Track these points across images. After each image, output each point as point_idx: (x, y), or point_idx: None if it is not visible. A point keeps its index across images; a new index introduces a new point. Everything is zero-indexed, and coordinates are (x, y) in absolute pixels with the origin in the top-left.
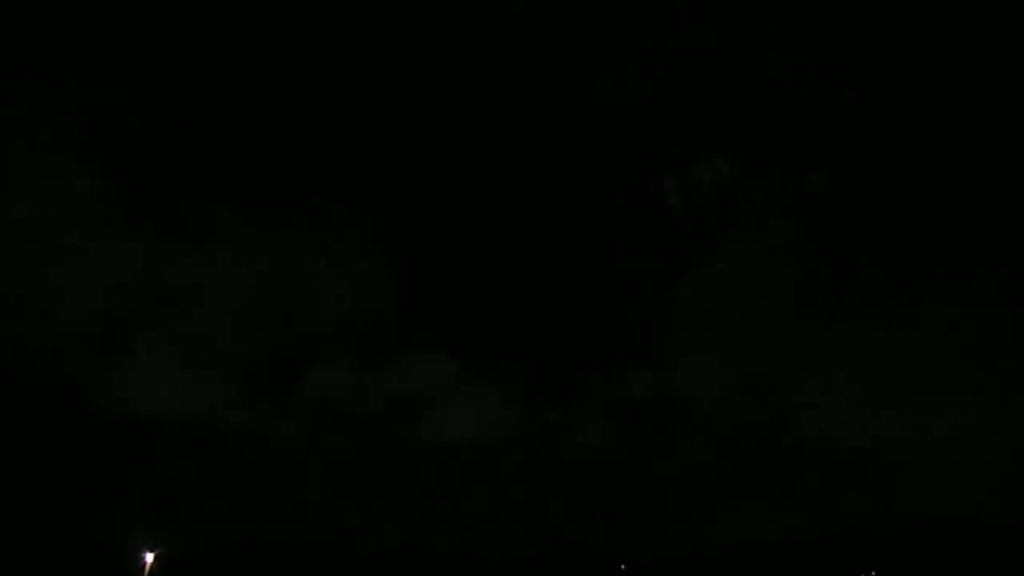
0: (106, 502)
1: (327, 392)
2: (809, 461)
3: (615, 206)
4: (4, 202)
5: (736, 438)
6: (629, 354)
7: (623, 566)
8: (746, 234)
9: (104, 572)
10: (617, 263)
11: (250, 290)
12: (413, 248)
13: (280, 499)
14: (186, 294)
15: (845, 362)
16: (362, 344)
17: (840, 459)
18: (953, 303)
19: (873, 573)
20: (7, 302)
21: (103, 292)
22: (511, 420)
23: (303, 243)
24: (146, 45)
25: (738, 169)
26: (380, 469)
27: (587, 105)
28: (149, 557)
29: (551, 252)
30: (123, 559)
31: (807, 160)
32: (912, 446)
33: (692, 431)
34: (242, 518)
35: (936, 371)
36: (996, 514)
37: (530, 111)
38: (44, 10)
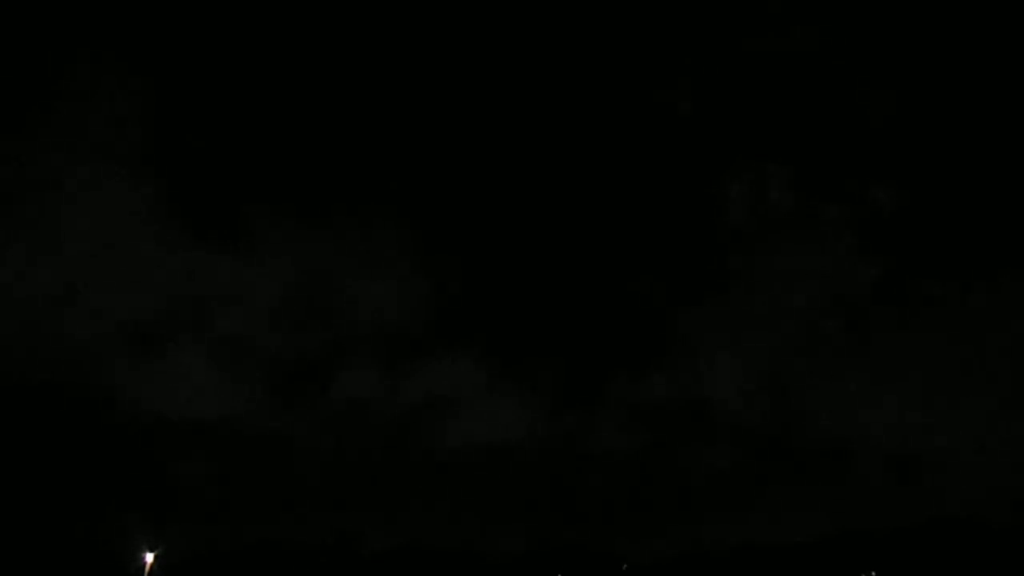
0: (118, 503)
1: (355, 395)
2: (815, 463)
3: (658, 212)
4: (46, 208)
5: (749, 440)
6: (654, 357)
7: (624, 566)
8: (783, 241)
9: (105, 572)
10: (650, 269)
11: (283, 294)
12: (444, 254)
13: (295, 500)
14: (220, 298)
15: (862, 367)
16: (391, 348)
17: (847, 461)
18: (987, 310)
19: (873, 573)
20: (46, 304)
21: (139, 295)
22: (534, 423)
23: (336, 249)
24: (187, 57)
25: (783, 180)
26: (400, 471)
27: (647, 110)
28: (149, 557)
29: (578, 258)
30: (123, 559)
31: (849, 172)
32: (923, 448)
33: (708, 433)
34: (250, 519)
35: (952, 378)
36: (997, 514)
37: (580, 115)
38: (87, 21)
